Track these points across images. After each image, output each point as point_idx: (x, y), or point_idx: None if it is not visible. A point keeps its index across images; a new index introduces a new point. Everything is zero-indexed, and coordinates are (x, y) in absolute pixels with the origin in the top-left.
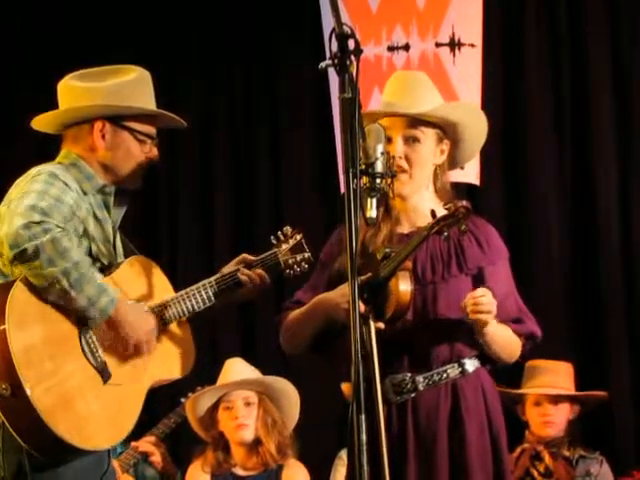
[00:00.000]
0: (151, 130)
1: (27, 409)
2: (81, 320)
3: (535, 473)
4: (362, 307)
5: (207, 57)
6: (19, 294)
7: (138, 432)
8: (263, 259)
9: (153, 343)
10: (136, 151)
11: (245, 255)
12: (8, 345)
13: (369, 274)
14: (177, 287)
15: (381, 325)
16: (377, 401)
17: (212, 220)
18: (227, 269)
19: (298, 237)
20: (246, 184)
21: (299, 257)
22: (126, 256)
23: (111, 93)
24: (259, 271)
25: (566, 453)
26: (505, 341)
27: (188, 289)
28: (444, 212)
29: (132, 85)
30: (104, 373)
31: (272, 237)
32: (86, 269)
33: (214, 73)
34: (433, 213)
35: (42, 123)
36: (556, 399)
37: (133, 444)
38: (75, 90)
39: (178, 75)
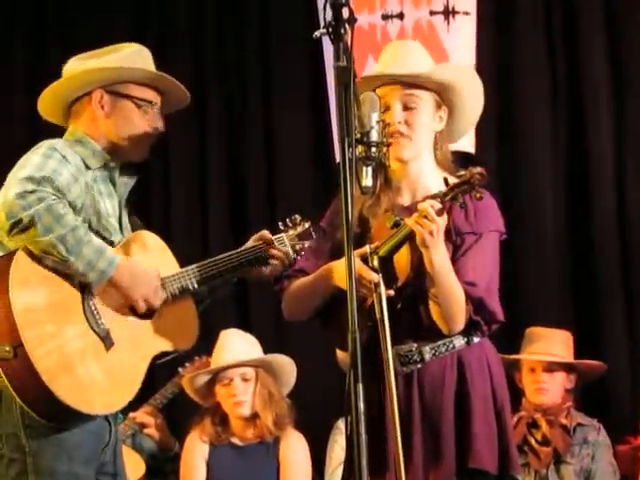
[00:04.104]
0: (151, 95)
1: (28, 370)
2: (84, 286)
3: (532, 441)
4: (374, 276)
5: (198, 25)
6: (21, 261)
7: (136, 403)
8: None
9: (159, 295)
10: (137, 119)
11: (265, 232)
12: (12, 309)
13: (377, 242)
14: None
15: (391, 292)
16: (388, 370)
17: (205, 195)
18: (249, 244)
19: (306, 225)
20: (239, 154)
21: (307, 243)
22: (134, 231)
23: (107, 65)
24: (284, 249)
25: (563, 421)
26: (450, 291)
27: (198, 263)
28: (456, 180)
29: (128, 55)
30: (106, 340)
31: (280, 223)
32: (83, 233)
33: (205, 42)
34: (446, 181)
35: (47, 107)
36: (550, 367)
37: (130, 415)
38: (75, 69)
39: (168, 45)
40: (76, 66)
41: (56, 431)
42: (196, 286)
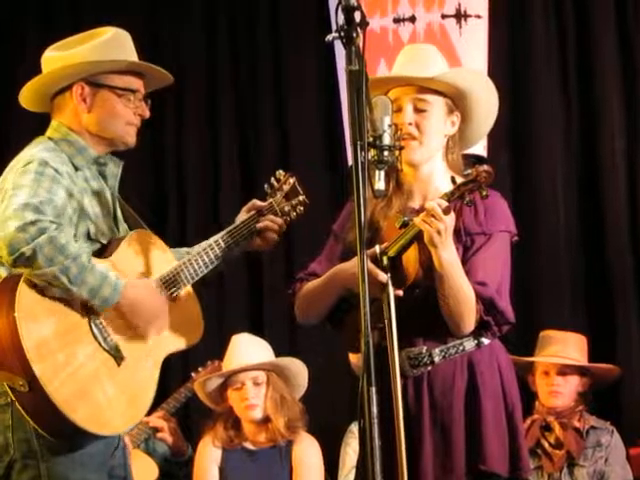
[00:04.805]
0: (133, 82)
1: (45, 403)
2: (89, 307)
3: (545, 444)
4: (382, 276)
5: (212, 25)
6: (26, 290)
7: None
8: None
9: (165, 319)
10: (120, 108)
11: (255, 201)
12: (20, 340)
13: (386, 243)
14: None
15: (400, 292)
16: (394, 370)
17: (218, 191)
18: (242, 217)
19: (291, 181)
20: (252, 157)
21: (294, 202)
22: (127, 223)
23: (85, 55)
24: (275, 218)
25: (576, 424)
26: (460, 290)
27: (196, 250)
28: (462, 179)
29: (106, 43)
30: (117, 356)
31: (266, 185)
32: (86, 260)
33: (217, 43)
34: (453, 180)
35: (28, 101)
36: (564, 370)
37: (144, 419)
38: (53, 60)
39: (182, 43)
40: (53, 57)
41: (73, 443)
42: (199, 275)
